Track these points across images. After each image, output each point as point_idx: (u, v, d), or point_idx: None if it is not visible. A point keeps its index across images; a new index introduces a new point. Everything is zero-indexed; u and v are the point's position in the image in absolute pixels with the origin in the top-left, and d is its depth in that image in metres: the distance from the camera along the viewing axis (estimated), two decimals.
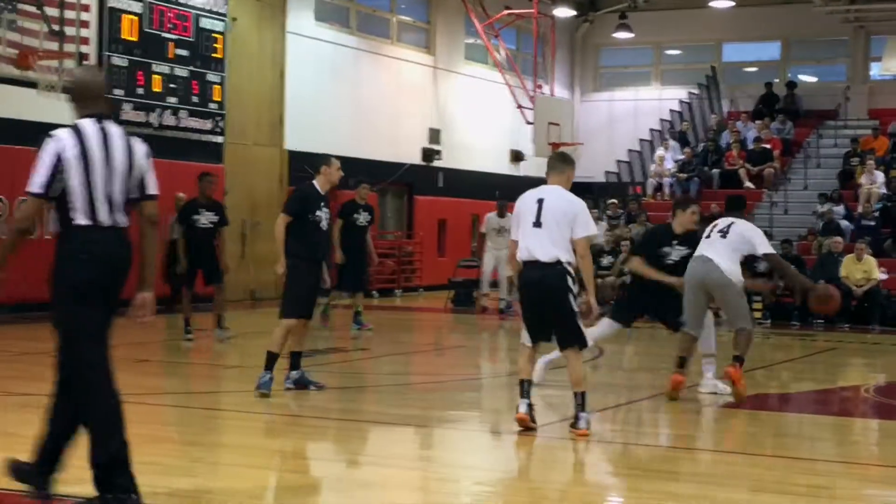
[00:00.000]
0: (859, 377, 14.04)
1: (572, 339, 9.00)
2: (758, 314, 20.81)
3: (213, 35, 21.99)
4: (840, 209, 24.66)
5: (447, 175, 29.08)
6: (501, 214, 20.38)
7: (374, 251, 17.68)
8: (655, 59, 34.60)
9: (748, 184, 27.84)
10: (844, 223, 24.05)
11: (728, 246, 10.92)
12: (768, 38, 33.36)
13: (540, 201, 9.07)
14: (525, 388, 9.06)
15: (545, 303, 8.97)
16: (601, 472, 8.26)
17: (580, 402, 8.92)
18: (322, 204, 10.86)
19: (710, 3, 30.45)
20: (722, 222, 11.27)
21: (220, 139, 22.36)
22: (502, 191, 30.27)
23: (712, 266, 10.81)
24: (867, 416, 11.18)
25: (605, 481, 7.94)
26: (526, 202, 9.19)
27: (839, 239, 21.36)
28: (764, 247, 11.03)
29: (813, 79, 33.84)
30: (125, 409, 6.18)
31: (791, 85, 31.77)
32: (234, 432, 9.32)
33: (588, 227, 9.00)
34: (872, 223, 23.76)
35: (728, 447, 9.14)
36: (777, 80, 32.37)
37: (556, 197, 9.12)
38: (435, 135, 28.78)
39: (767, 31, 32.86)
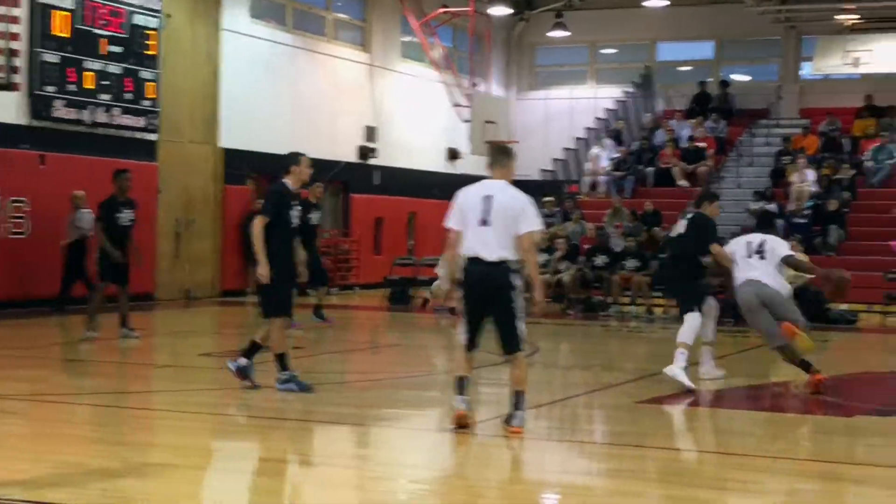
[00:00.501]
0: (790, 373, 14.16)
1: (512, 342, 8.96)
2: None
3: (147, 32, 21.78)
4: (772, 207, 24.94)
5: (383, 173, 29.04)
6: None
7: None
8: (591, 58, 34.77)
9: (682, 182, 28.09)
10: (776, 221, 24.32)
11: (769, 265, 11.89)
12: (702, 37, 33.66)
13: (487, 198, 8.99)
14: (462, 384, 9.04)
15: (489, 301, 8.95)
16: (537, 470, 8.28)
17: (519, 400, 8.92)
18: (293, 202, 10.85)
19: (645, 3, 30.66)
20: (755, 240, 12.11)
21: (153, 137, 22.16)
22: (439, 189, 30.37)
23: (761, 286, 11.75)
24: (798, 411, 11.31)
25: (540, 479, 7.96)
26: (470, 198, 9.11)
27: None
28: (784, 250, 12.09)
29: (746, 78, 34.20)
30: (56, 408, 6.10)
31: (724, 84, 32.08)
32: (165, 432, 9.24)
33: (533, 222, 8.97)
34: (804, 221, 24.07)
35: (662, 443, 9.20)
36: (710, 80, 32.68)
37: (503, 193, 9.05)
38: (371, 132, 28.73)
39: (701, 31, 33.16)
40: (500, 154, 9.51)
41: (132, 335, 15.24)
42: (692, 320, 12.25)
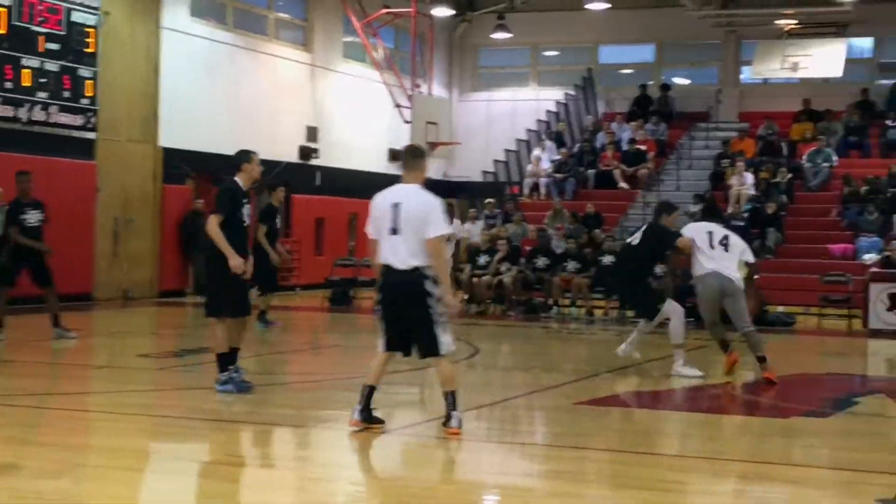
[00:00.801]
0: (728, 375, 14.29)
1: (430, 347, 8.91)
2: (630, 313, 21.12)
3: (86, 29, 21.57)
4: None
5: (325, 173, 28.95)
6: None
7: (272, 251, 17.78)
8: (533, 60, 34.89)
9: (623, 184, 28.28)
10: None
11: (733, 258, 12.65)
12: (643, 40, 33.88)
13: (395, 206, 8.87)
14: (365, 393, 8.99)
15: (404, 309, 8.91)
16: (476, 471, 8.28)
17: (451, 401, 8.92)
18: (245, 201, 10.77)
19: (587, 6, 30.81)
20: (717, 232, 12.77)
21: (92, 135, 21.95)
22: (380, 190, 30.26)
23: (727, 280, 12.48)
24: (735, 412, 11.40)
25: (479, 480, 7.96)
26: (381, 205, 9.00)
27: None
28: (750, 256, 12.97)
29: (686, 81, 34.47)
30: None
31: (665, 87, 32.31)
32: (101, 434, 9.15)
33: (440, 227, 8.80)
34: (742, 224, 24.25)
35: (600, 445, 9.24)
36: (651, 83, 32.90)
37: (411, 200, 8.89)
38: (312, 133, 28.64)
39: (642, 34, 33.37)
40: (410, 156, 9.30)
41: (68, 335, 15.06)
42: (674, 318, 13.13)
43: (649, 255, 13.33)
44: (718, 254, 12.55)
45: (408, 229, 8.79)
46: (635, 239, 13.41)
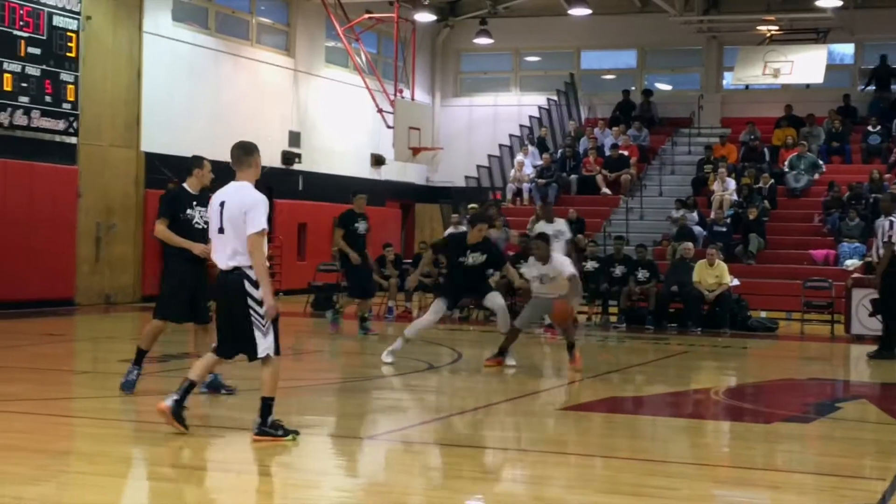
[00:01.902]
0: (710, 380, 14.33)
1: (248, 350, 8.79)
2: (613, 318, 21.18)
3: (67, 33, 21.52)
4: (694, 215, 25.19)
5: (307, 178, 28.93)
6: (549, 220, 19.80)
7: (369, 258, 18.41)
8: (515, 66, 34.93)
9: (605, 190, 28.34)
10: (697, 229, 24.60)
11: None
12: (625, 46, 33.96)
13: (221, 205, 8.76)
14: (185, 387, 8.93)
15: (225, 309, 8.86)
16: (459, 477, 8.27)
17: (265, 408, 8.76)
18: (194, 203, 10.78)
19: (569, 12, 30.85)
20: None
21: (73, 140, 21.89)
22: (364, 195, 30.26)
23: None
24: (717, 418, 11.42)
25: (462, 486, 7.96)
26: (213, 204, 8.91)
27: (690, 245, 21.79)
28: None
29: (668, 87, 34.55)
30: None
31: (647, 93, 32.38)
32: (83, 439, 9.11)
33: (256, 223, 8.58)
34: (724, 229, 24.36)
35: (582, 450, 9.25)
36: (634, 88, 32.96)
37: (234, 197, 8.75)
38: (295, 138, 28.61)
39: (624, 40, 33.45)
40: (239, 152, 9.11)
41: None
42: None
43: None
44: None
45: (230, 228, 8.67)
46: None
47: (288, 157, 28.28)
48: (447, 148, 31.53)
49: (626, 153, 29.11)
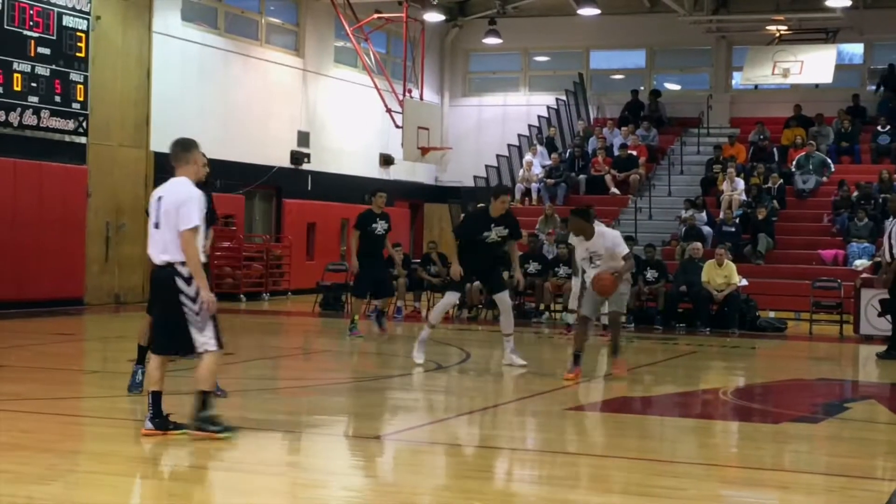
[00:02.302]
0: (719, 380, 14.32)
1: (185, 346, 8.75)
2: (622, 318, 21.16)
3: (77, 33, 21.57)
4: (702, 215, 25.17)
5: (316, 178, 28.95)
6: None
7: (395, 257, 18.89)
8: (524, 65, 34.92)
9: (614, 190, 28.32)
10: (706, 229, 24.58)
11: None
12: (634, 46, 33.94)
13: (158, 200, 8.79)
14: (150, 401, 8.83)
15: (158, 305, 8.88)
16: (468, 477, 8.28)
17: (199, 401, 8.72)
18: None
19: (578, 11, 30.85)
20: None
21: (83, 140, 21.94)
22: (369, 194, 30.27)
23: None
24: (726, 418, 11.42)
25: (470, 485, 7.97)
26: (151, 200, 8.93)
27: (698, 245, 21.77)
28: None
29: (677, 87, 34.52)
30: None
31: (655, 93, 32.34)
32: (93, 439, 9.14)
33: (188, 219, 8.57)
34: (733, 229, 24.33)
35: (590, 450, 9.25)
36: (642, 88, 32.94)
37: (171, 193, 8.78)
38: (304, 138, 28.64)
39: (633, 40, 33.43)
40: (178, 149, 9.09)
41: None
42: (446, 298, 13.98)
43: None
44: None
45: (164, 223, 8.66)
46: None
47: (297, 157, 28.32)
48: (456, 148, 31.51)
49: (634, 153, 29.09)
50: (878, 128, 28.90)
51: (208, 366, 8.75)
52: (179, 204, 8.60)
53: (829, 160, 27.71)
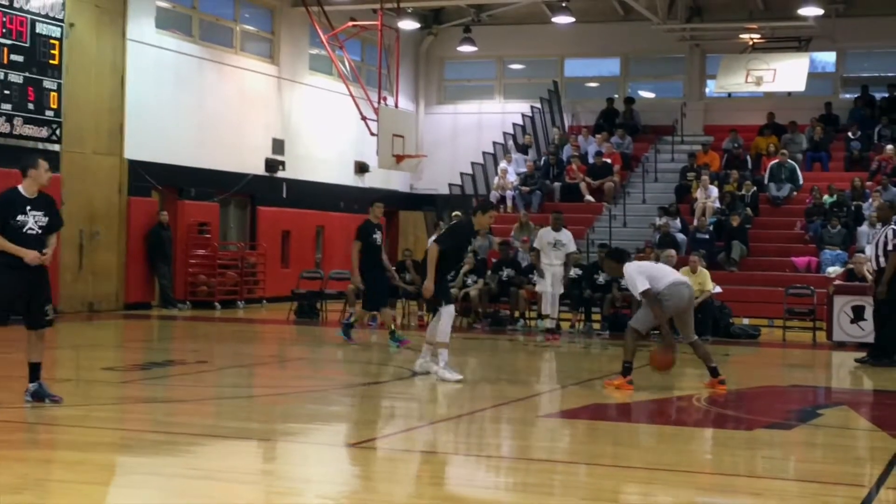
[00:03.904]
0: (693, 387, 14.35)
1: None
2: (597, 325, 21.22)
3: (51, 41, 21.49)
4: (676, 222, 25.27)
5: (291, 186, 28.92)
6: (556, 228, 19.85)
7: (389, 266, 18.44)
8: (499, 73, 34.99)
9: (589, 197, 28.40)
10: (680, 236, 24.67)
11: None
12: (608, 54, 34.06)
13: None
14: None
15: None
16: (443, 484, 8.29)
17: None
18: (28, 208, 10.49)
19: (553, 19, 30.94)
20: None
21: (56, 147, 21.85)
22: (347, 202, 30.33)
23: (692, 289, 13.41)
24: (700, 425, 11.45)
25: (446, 493, 7.97)
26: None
27: (673, 252, 21.79)
28: None
29: (651, 95, 34.64)
30: None
31: (630, 100, 32.45)
32: (65, 447, 9.10)
33: None
34: (707, 236, 24.43)
35: (565, 457, 9.27)
36: (617, 96, 33.04)
37: None
38: (279, 145, 28.61)
39: (608, 48, 33.55)
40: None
41: None
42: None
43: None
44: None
45: None
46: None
47: (271, 165, 28.28)
48: (431, 155, 31.55)
49: (609, 161, 29.19)
50: (850, 135, 29.07)
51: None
52: None
53: (800, 171, 27.76)
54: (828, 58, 32.62)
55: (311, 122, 29.86)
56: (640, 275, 12.74)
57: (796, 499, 7.84)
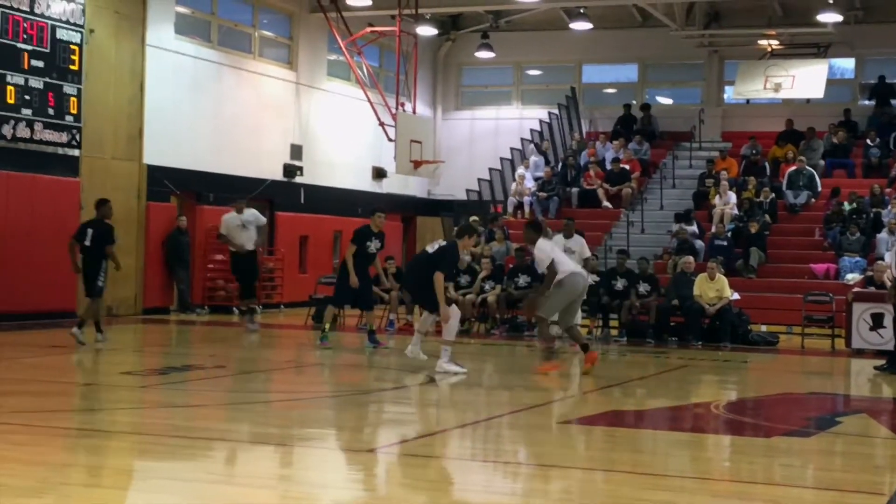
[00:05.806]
0: (711, 394, 14.34)
1: None
2: (614, 331, 21.19)
3: (71, 46, 21.58)
4: (694, 229, 25.22)
5: (309, 191, 28.97)
6: (568, 235, 20.30)
7: (382, 273, 19.49)
8: (516, 79, 34.99)
9: (606, 203, 28.38)
10: (698, 243, 24.62)
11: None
12: (626, 60, 34.04)
13: None
14: None
15: None
16: (460, 490, 8.29)
17: None
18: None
19: (571, 25, 30.94)
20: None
21: (76, 152, 21.94)
22: (364, 208, 30.34)
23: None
24: (718, 432, 11.43)
25: (463, 499, 7.97)
26: None
27: (690, 259, 21.81)
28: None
29: (669, 101, 34.60)
30: None
31: (647, 107, 32.41)
32: (85, 452, 9.13)
33: None
34: (725, 243, 24.38)
35: (583, 464, 9.26)
36: (634, 102, 33.02)
37: None
38: (297, 151, 28.66)
39: (625, 54, 33.52)
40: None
41: None
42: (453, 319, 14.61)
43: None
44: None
45: None
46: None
47: (290, 170, 28.33)
48: (448, 161, 31.56)
49: (626, 167, 29.15)
50: (868, 142, 28.99)
51: None
52: None
53: (817, 176, 27.69)
54: (846, 64, 32.55)
55: (329, 127, 29.91)
56: (552, 251, 14.95)
57: None
